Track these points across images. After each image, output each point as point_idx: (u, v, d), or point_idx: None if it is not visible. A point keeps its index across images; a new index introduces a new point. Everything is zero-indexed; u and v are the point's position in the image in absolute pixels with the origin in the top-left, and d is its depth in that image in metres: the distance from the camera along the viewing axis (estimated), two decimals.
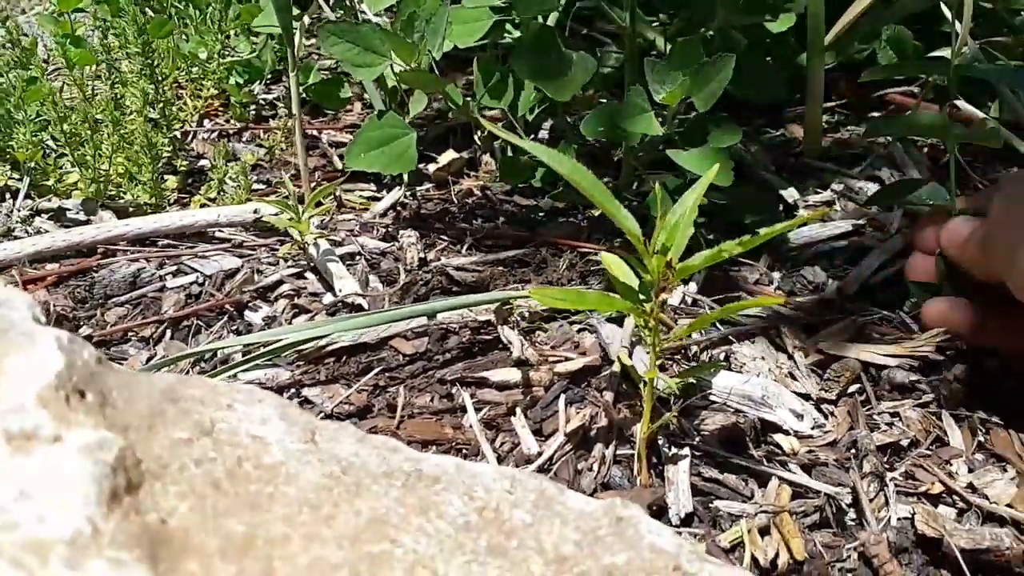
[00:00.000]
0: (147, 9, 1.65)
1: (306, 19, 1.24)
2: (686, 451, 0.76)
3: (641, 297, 0.69)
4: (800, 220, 0.68)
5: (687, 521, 0.71)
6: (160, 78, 1.28)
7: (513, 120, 1.13)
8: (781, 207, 1.18)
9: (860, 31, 1.47)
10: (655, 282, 0.66)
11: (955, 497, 0.74)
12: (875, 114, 1.45)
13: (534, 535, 0.51)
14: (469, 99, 1.09)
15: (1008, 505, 0.72)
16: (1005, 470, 0.77)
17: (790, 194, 1.19)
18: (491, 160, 1.31)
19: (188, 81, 1.54)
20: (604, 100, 1.20)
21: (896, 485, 0.75)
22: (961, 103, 1.27)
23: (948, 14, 1.29)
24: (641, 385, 0.73)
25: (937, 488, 0.74)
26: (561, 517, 0.52)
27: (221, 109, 1.52)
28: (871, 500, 0.72)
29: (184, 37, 1.52)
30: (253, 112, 1.51)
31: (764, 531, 0.69)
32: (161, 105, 1.26)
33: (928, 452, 0.79)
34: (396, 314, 0.87)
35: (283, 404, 0.54)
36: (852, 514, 0.72)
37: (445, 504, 0.51)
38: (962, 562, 0.65)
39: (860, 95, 1.45)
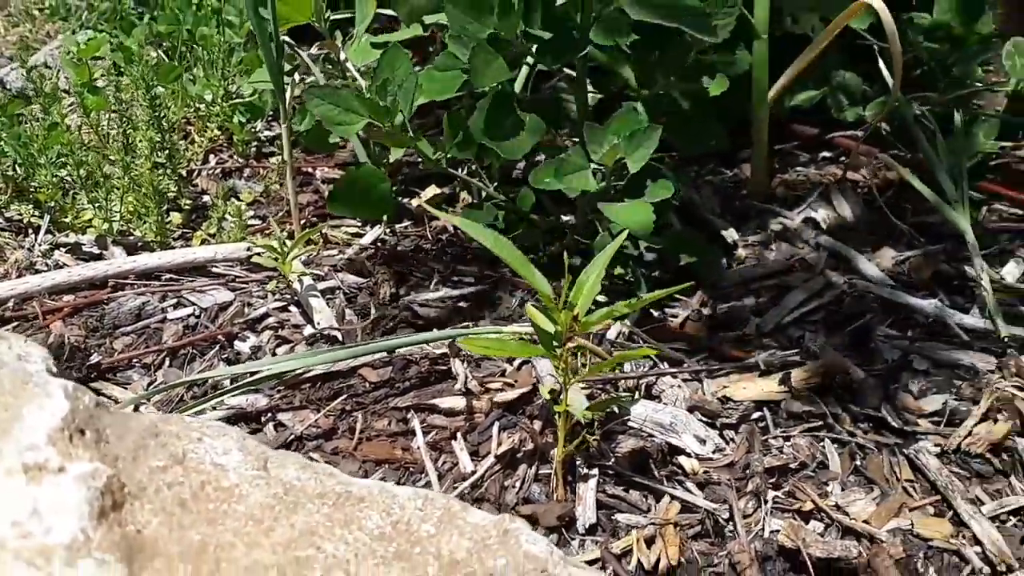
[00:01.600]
0: (160, 50, 1.80)
1: (296, 76, 1.38)
2: (596, 471, 0.89)
3: (555, 344, 0.83)
4: (662, 293, 0.81)
5: (591, 530, 0.84)
6: (167, 125, 1.43)
7: (479, 168, 1.27)
8: (723, 246, 1.31)
9: (812, 78, 1.61)
10: (563, 333, 0.80)
11: (823, 514, 0.86)
12: (825, 154, 1.57)
13: (435, 543, 0.65)
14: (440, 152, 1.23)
15: (865, 521, 0.85)
16: (871, 491, 0.89)
17: (730, 235, 1.32)
18: (468, 196, 1.44)
19: (196, 118, 1.68)
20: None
21: (776, 503, 0.88)
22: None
23: (885, 72, 1.42)
24: (556, 416, 0.86)
25: (809, 506, 0.87)
26: (460, 529, 0.66)
27: (226, 145, 1.67)
28: (747, 516, 0.85)
29: (192, 80, 1.67)
30: (254, 148, 1.66)
31: (651, 540, 0.82)
32: (167, 152, 1.40)
33: (811, 474, 0.92)
34: (359, 350, 1.01)
35: (243, 437, 0.68)
36: (731, 527, 0.85)
37: (365, 519, 0.65)
38: (810, 568, 0.78)
39: (809, 138, 1.58)
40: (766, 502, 0.87)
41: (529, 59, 1.19)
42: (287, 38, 1.32)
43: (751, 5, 1.28)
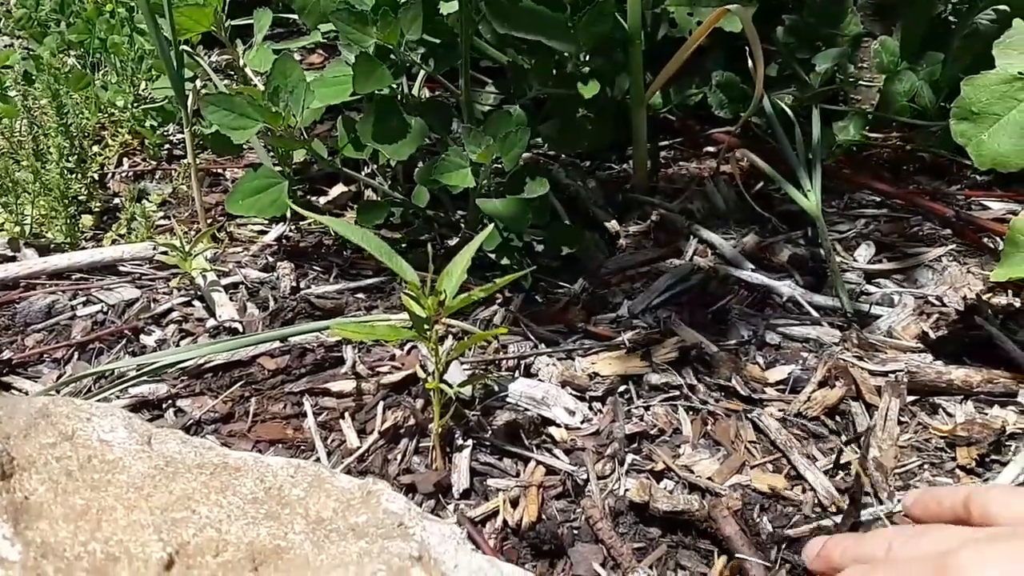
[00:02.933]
0: (72, 58, 1.85)
1: (198, 83, 1.44)
2: (471, 443, 0.99)
3: (425, 327, 0.92)
4: (506, 280, 0.91)
5: (465, 495, 0.93)
6: (78, 131, 1.48)
7: (375, 167, 1.35)
8: (606, 236, 1.41)
9: (697, 76, 1.72)
10: (431, 316, 0.89)
11: (672, 473, 0.97)
12: (709, 149, 1.68)
13: (304, 505, 0.73)
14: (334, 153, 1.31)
15: (709, 478, 0.96)
16: (717, 452, 1.00)
17: (612, 226, 1.42)
18: (373, 193, 1.52)
19: (110, 123, 1.74)
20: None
21: (632, 465, 0.98)
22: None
23: (752, 70, 1.53)
24: (432, 391, 0.95)
25: (661, 467, 0.97)
26: (327, 492, 0.75)
27: (138, 149, 1.73)
28: (603, 478, 0.95)
29: (104, 86, 1.72)
30: (166, 151, 1.72)
31: (516, 501, 0.92)
32: (77, 156, 1.46)
33: (666, 440, 1.02)
34: (256, 338, 1.08)
35: (129, 417, 0.76)
36: (589, 487, 0.95)
37: (240, 486, 0.73)
38: (657, 521, 0.89)
39: (690, 133, 1.69)
40: (622, 464, 0.97)
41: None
42: (187, 48, 1.39)
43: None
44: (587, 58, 1.33)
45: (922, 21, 1.66)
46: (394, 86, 1.26)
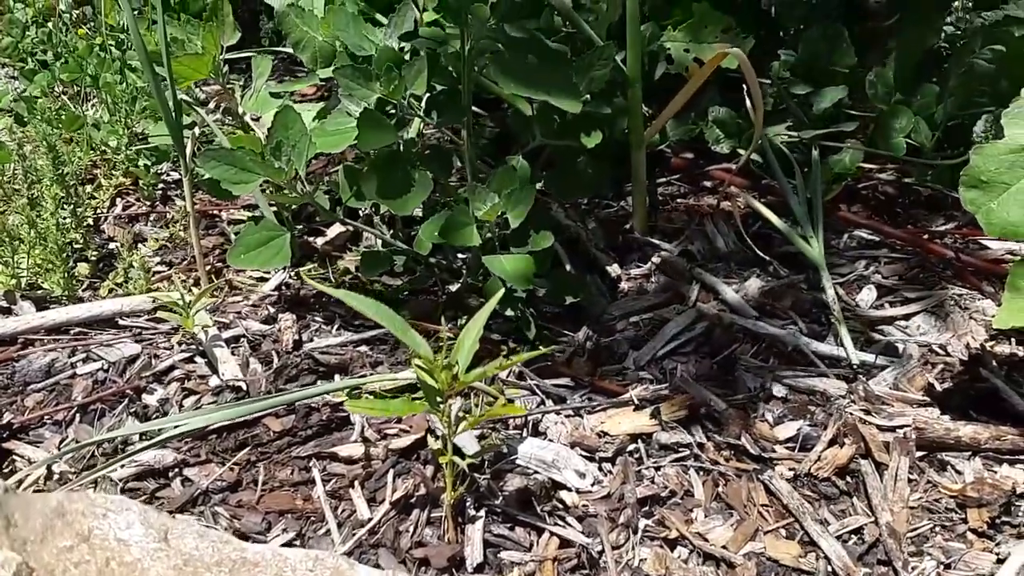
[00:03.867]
0: (64, 96, 1.83)
1: (197, 130, 1.43)
2: (483, 512, 0.98)
3: (438, 400, 0.91)
4: (524, 357, 0.90)
5: (479, 569, 0.93)
6: (71, 176, 1.47)
7: (372, 215, 1.34)
8: (608, 281, 1.40)
9: (694, 112, 1.72)
10: (444, 390, 0.88)
11: (686, 541, 0.97)
12: (706, 184, 1.68)
13: None
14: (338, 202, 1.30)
15: (723, 547, 0.96)
16: (730, 516, 1.00)
17: (614, 269, 1.42)
18: (372, 239, 1.51)
19: (103, 162, 1.72)
20: None
21: (645, 531, 0.98)
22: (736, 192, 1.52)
23: (750, 109, 1.53)
24: (445, 464, 0.94)
25: (675, 534, 0.97)
26: None
27: (132, 189, 1.71)
28: (617, 548, 0.95)
29: (95, 125, 1.70)
30: (160, 192, 1.70)
31: (531, 575, 0.91)
32: (72, 205, 1.44)
33: (679, 502, 1.02)
34: (261, 404, 1.07)
35: (144, 510, 0.75)
36: (604, 559, 0.94)
37: None
38: None
39: (688, 170, 1.69)
40: (636, 532, 0.97)
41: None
42: (185, 96, 1.38)
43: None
44: (587, 100, 1.33)
45: (916, 52, 1.66)
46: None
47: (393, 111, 1.23)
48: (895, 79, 1.65)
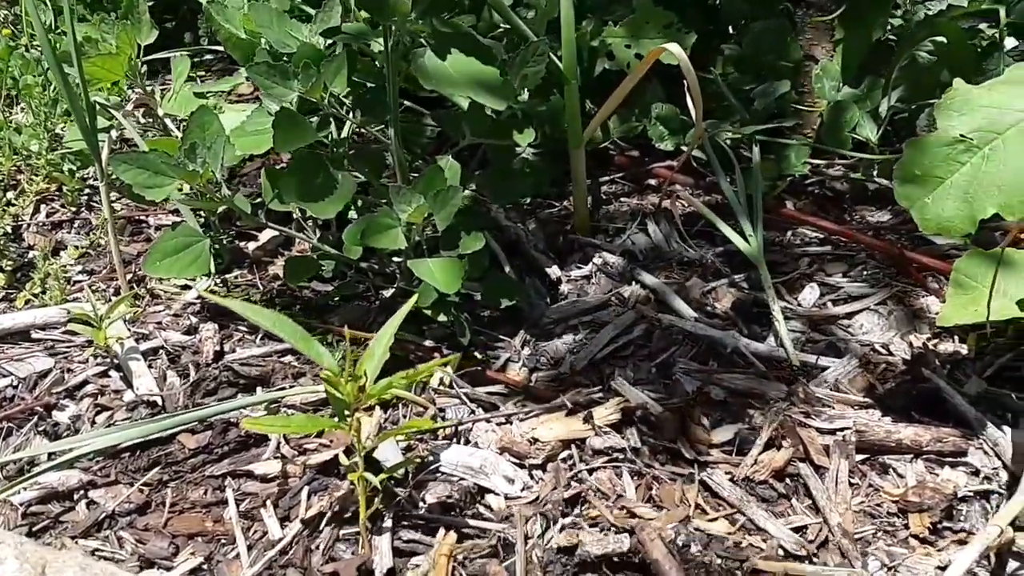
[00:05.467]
0: None
1: (113, 133, 1.37)
2: (394, 523, 0.93)
3: (346, 412, 0.86)
4: (432, 365, 0.86)
5: (390, 574, 0.88)
6: None
7: (302, 219, 1.29)
8: (547, 282, 1.36)
9: (637, 108, 1.68)
10: (351, 403, 0.83)
11: (606, 520, 0.93)
12: (650, 182, 1.64)
13: None
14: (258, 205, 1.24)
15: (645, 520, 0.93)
16: (661, 509, 0.96)
17: (554, 271, 1.37)
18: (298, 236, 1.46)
19: (26, 166, 1.65)
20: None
21: (571, 524, 0.94)
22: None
23: (691, 106, 1.50)
24: (356, 481, 0.89)
25: (595, 513, 0.94)
26: None
27: (57, 194, 1.64)
28: (531, 538, 0.91)
29: (17, 129, 1.63)
30: (86, 197, 1.64)
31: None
32: None
33: (608, 503, 0.98)
34: (175, 421, 1.02)
35: (21, 543, 0.70)
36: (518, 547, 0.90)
37: None
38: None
39: (631, 168, 1.65)
40: (555, 523, 0.93)
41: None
42: (100, 98, 1.32)
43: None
44: (522, 99, 1.29)
45: (862, 46, 1.64)
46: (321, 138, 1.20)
47: (321, 110, 1.17)
48: (841, 73, 1.63)
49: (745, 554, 0.91)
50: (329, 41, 1.25)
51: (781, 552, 0.92)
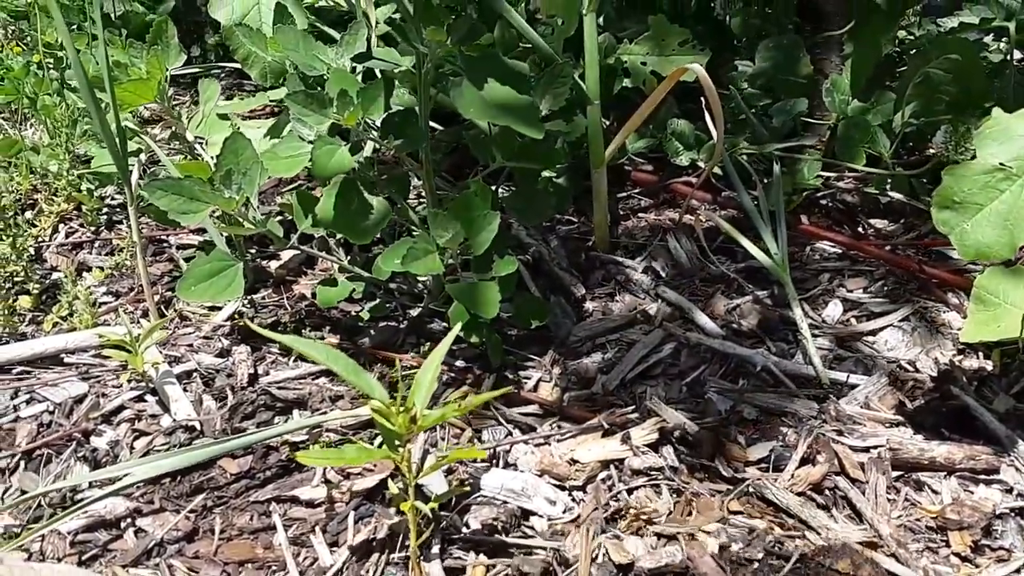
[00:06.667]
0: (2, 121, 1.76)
1: (143, 156, 1.37)
2: (444, 546, 0.95)
3: (397, 444, 0.87)
4: (487, 397, 0.87)
5: None
6: (10, 204, 1.40)
7: (327, 238, 1.30)
8: (572, 301, 1.37)
9: (653, 124, 1.70)
10: (402, 434, 0.84)
11: (650, 530, 0.95)
12: (667, 196, 1.66)
13: None
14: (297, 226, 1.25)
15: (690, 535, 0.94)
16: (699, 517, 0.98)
17: (578, 289, 1.39)
18: (329, 264, 1.47)
19: (43, 186, 1.65)
20: None
21: (611, 537, 0.95)
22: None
23: (709, 122, 1.52)
24: (407, 510, 0.90)
25: (639, 524, 0.96)
26: None
27: (76, 213, 1.64)
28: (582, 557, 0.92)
29: (34, 149, 1.63)
30: (105, 216, 1.64)
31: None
32: (12, 236, 1.37)
33: (648, 511, 0.99)
34: (216, 449, 1.02)
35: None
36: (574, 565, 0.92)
37: None
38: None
39: (650, 184, 1.67)
40: (602, 542, 0.95)
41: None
42: (129, 119, 1.32)
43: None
44: (546, 118, 1.30)
45: (872, 60, 1.66)
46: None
47: (352, 137, 1.18)
48: (851, 87, 1.65)
49: (796, 546, 0.93)
50: (357, 66, 1.25)
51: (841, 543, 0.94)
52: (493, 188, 1.22)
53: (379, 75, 1.21)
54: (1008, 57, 1.55)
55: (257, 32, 1.37)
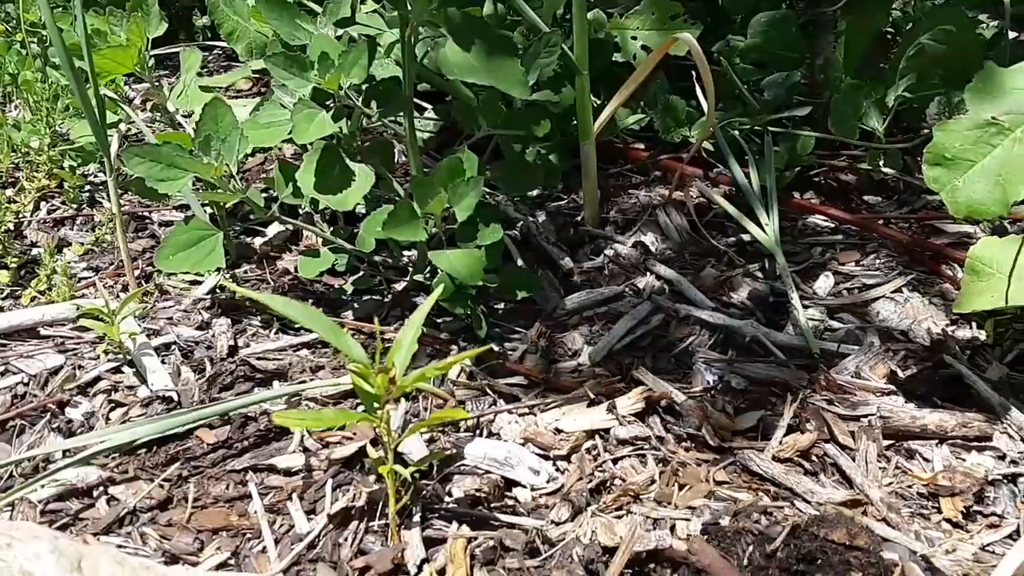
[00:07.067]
0: None
1: (123, 126, 1.35)
2: (425, 514, 0.92)
3: (375, 406, 0.85)
4: (460, 358, 0.84)
5: (421, 566, 0.87)
6: None
7: (311, 212, 1.27)
8: (560, 274, 1.35)
9: (644, 100, 1.68)
10: (381, 396, 0.82)
11: (639, 514, 0.92)
12: (657, 173, 1.64)
13: None
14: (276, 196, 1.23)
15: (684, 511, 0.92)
16: (687, 487, 0.95)
17: (566, 263, 1.36)
18: (311, 234, 1.45)
19: (25, 163, 1.63)
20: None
21: (596, 512, 0.93)
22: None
23: (700, 97, 1.50)
24: (386, 475, 0.88)
25: (625, 508, 0.93)
26: None
27: (58, 191, 1.62)
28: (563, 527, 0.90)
29: (15, 125, 1.61)
30: (87, 194, 1.62)
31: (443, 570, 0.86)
32: None
33: (635, 483, 0.97)
34: (192, 416, 1.00)
35: (55, 537, 0.68)
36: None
37: None
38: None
39: (641, 160, 1.64)
40: (584, 512, 0.92)
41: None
42: (109, 93, 1.30)
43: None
44: (535, 88, 1.28)
45: (866, 36, 1.64)
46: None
47: (331, 103, 1.16)
48: (845, 63, 1.63)
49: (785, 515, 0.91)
50: (340, 33, 1.23)
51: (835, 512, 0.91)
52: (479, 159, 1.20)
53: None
54: (1004, 30, 1.53)
55: (240, 1, 1.34)
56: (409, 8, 1.07)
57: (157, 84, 1.34)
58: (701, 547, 0.86)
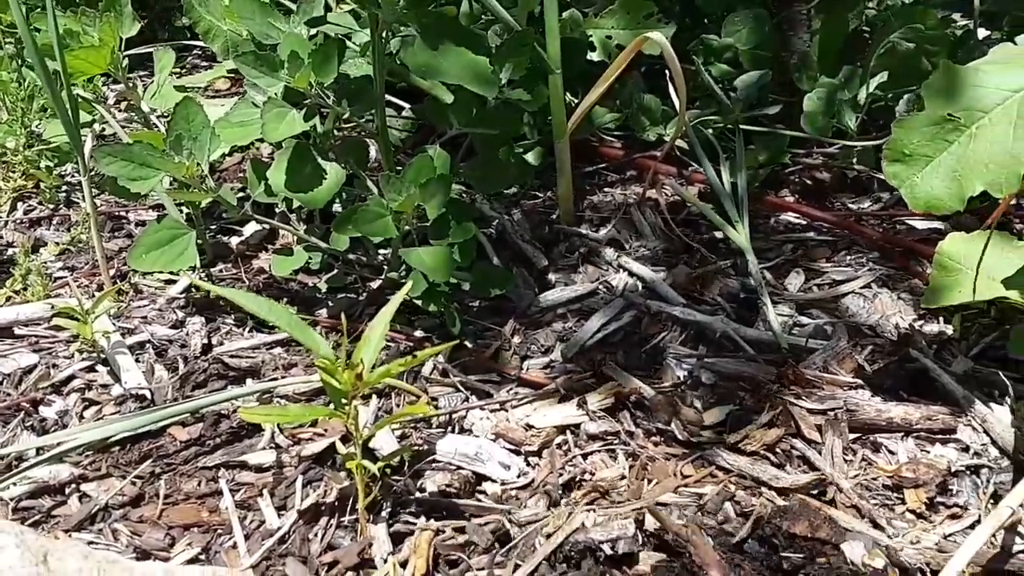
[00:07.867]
0: None
1: (97, 126, 1.35)
2: (394, 509, 0.93)
3: (343, 401, 0.85)
4: (430, 353, 0.85)
5: (387, 559, 0.88)
6: None
7: (287, 211, 1.28)
8: (535, 272, 1.36)
9: (619, 99, 1.69)
10: (348, 391, 0.83)
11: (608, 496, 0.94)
12: (632, 172, 1.65)
13: None
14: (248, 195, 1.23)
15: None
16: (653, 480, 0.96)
17: (540, 261, 1.37)
18: (287, 233, 1.45)
19: (1, 164, 1.63)
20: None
21: (566, 505, 0.94)
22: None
23: (674, 96, 1.51)
24: (355, 469, 0.89)
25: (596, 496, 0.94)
26: None
27: (34, 191, 1.62)
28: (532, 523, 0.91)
29: None
30: (64, 194, 1.62)
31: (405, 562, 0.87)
32: None
33: (605, 478, 0.98)
34: (165, 413, 1.01)
35: (21, 532, 0.69)
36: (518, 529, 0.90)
37: None
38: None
39: (615, 158, 1.65)
40: (554, 507, 0.93)
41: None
42: (82, 94, 1.30)
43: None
44: (507, 87, 1.29)
45: (839, 35, 1.66)
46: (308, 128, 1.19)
47: (303, 101, 1.17)
48: (819, 62, 1.64)
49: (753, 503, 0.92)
50: (313, 32, 1.24)
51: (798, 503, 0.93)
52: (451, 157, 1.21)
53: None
54: (974, 28, 1.55)
55: (215, 1, 1.35)
56: (379, 6, 1.08)
57: (132, 84, 1.34)
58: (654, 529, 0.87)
